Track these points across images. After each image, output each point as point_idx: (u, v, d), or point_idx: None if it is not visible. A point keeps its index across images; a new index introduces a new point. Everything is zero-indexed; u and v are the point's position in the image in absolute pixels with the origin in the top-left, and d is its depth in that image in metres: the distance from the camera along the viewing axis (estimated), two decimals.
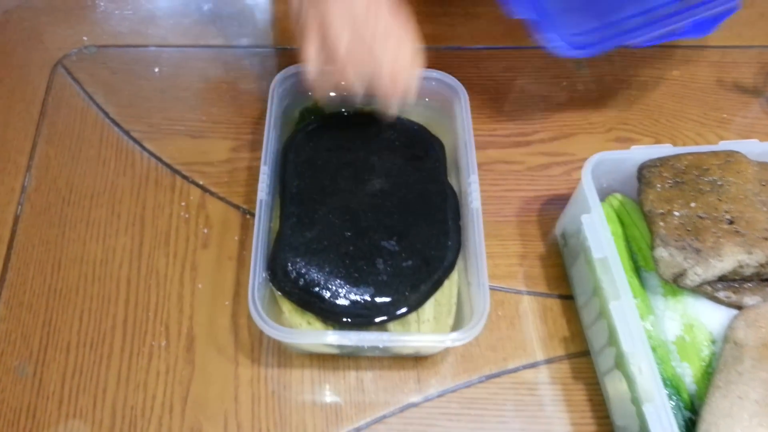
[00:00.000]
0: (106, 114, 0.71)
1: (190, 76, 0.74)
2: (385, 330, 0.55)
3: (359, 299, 0.53)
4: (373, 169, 0.59)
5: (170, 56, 0.76)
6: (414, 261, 0.55)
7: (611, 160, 0.56)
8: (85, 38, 0.77)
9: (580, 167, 0.68)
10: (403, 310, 0.54)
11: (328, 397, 0.56)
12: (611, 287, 0.51)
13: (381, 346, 0.53)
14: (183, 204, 0.65)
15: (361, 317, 0.53)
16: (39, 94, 0.72)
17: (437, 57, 0.76)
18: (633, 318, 0.49)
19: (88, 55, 0.75)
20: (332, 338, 0.51)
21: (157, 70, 0.74)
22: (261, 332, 0.57)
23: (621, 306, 0.49)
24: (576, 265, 0.59)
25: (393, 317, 0.54)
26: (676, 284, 0.51)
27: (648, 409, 0.46)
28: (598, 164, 0.56)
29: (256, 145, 0.68)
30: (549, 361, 0.58)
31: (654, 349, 0.51)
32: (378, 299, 0.53)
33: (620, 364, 0.52)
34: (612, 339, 0.53)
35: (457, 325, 0.56)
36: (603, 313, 0.54)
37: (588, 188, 0.54)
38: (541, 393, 0.57)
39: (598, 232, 0.52)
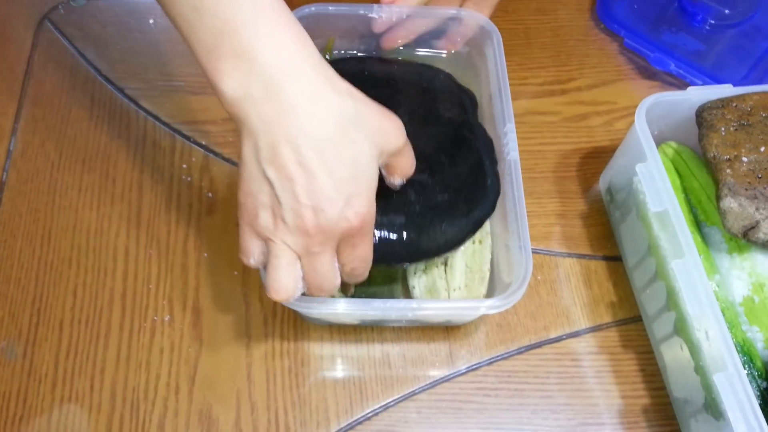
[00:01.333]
0: (98, 71, 0.65)
1: None
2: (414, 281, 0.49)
3: (386, 233, 0.45)
4: (399, 106, 0.52)
5: None
6: (450, 196, 0.48)
7: (665, 103, 0.51)
8: None
9: (623, 117, 0.63)
10: (438, 246, 0.47)
11: (351, 372, 0.51)
12: (672, 244, 0.45)
13: (410, 315, 0.47)
14: (184, 166, 0.60)
15: (388, 252, 0.45)
16: (24, 52, 0.66)
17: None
18: (700, 277, 0.43)
19: (76, 7, 0.70)
20: (354, 307, 0.45)
21: (152, 21, 0.69)
22: (274, 303, 0.53)
23: (685, 264, 0.44)
24: (626, 222, 0.54)
25: (425, 254, 0.47)
26: (745, 239, 0.45)
27: (719, 379, 0.41)
28: (651, 108, 0.50)
29: None
30: (595, 329, 0.54)
31: (722, 312, 0.45)
32: (409, 232, 0.46)
33: (681, 329, 0.46)
34: (671, 302, 0.47)
35: (490, 294, 0.50)
36: (660, 274, 0.48)
37: (643, 134, 0.48)
38: (587, 364, 0.52)
39: (657, 182, 0.46)
